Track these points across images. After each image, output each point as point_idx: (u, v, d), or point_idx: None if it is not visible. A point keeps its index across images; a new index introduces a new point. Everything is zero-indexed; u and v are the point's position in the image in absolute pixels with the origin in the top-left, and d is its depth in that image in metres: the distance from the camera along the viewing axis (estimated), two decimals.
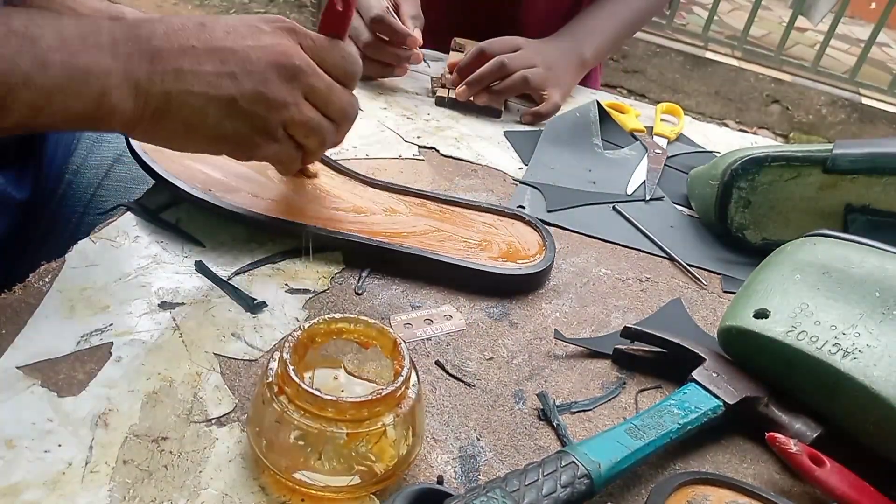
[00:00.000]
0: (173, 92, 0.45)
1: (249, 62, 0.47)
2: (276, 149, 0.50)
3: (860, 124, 3.52)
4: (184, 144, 0.49)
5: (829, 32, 3.34)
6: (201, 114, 0.46)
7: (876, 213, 0.66)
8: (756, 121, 3.64)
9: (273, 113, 0.48)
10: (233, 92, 0.46)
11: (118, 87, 0.43)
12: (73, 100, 0.42)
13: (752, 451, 0.49)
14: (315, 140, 0.51)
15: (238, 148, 0.50)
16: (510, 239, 0.63)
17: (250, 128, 0.48)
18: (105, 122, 0.44)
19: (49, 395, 0.42)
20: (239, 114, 0.47)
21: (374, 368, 0.44)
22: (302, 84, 0.49)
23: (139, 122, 0.46)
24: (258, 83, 0.47)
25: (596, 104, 0.90)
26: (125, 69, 0.43)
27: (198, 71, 0.45)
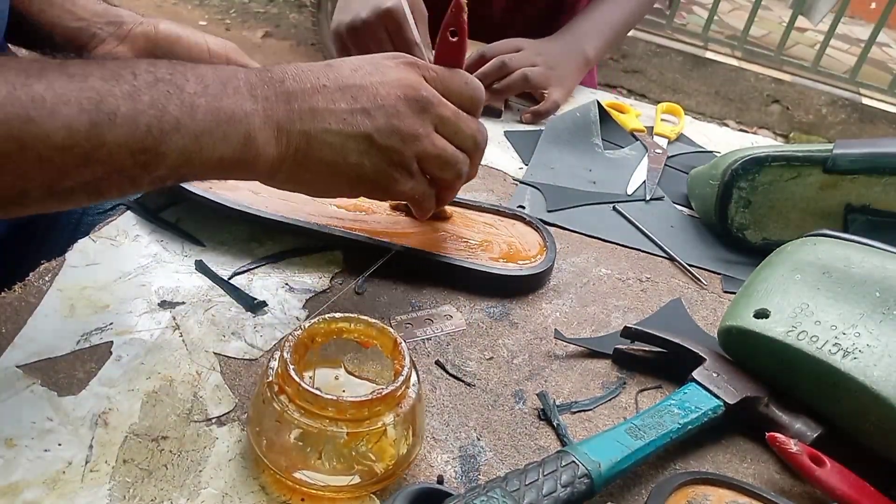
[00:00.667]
0: (312, 131, 0.45)
1: (379, 97, 0.47)
2: (412, 184, 0.50)
3: (860, 124, 3.52)
4: (326, 186, 0.49)
5: (829, 32, 3.34)
6: (341, 151, 0.47)
7: (876, 213, 0.66)
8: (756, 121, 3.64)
9: (408, 145, 0.48)
10: (368, 127, 0.47)
11: (261, 130, 0.43)
12: (221, 143, 0.42)
13: (752, 451, 0.49)
14: (450, 172, 0.51)
15: (377, 185, 0.50)
16: (511, 239, 0.63)
17: (388, 163, 0.48)
18: (252, 165, 0.44)
19: (49, 394, 0.42)
20: (376, 149, 0.47)
21: (375, 368, 0.44)
22: (431, 115, 0.49)
23: (282, 164, 0.46)
24: (391, 116, 0.47)
25: (596, 104, 0.90)
26: (264, 111, 0.44)
27: (332, 109, 0.46)
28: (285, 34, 3.82)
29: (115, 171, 0.38)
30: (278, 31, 3.84)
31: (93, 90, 0.37)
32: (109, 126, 0.37)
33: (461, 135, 0.51)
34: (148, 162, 0.39)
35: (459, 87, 0.51)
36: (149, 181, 0.41)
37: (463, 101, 0.51)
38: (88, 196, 0.39)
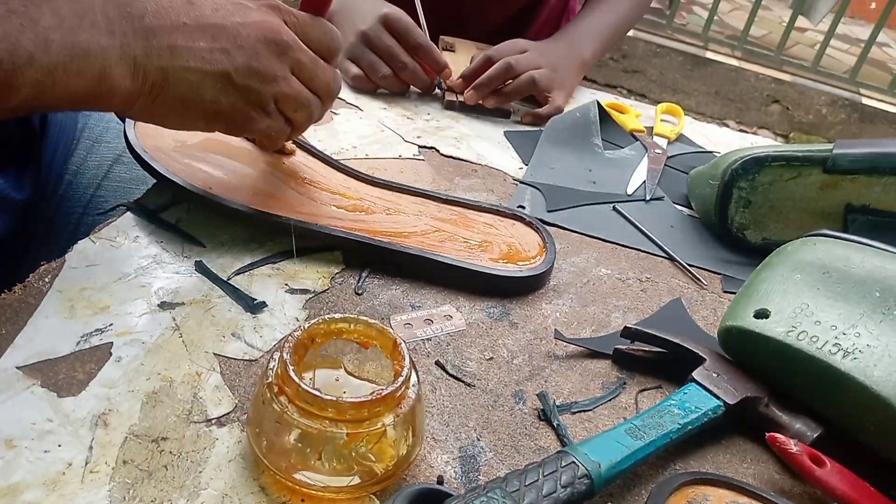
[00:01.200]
0: (170, 68, 0.46)
1: (240, 38, 0.48)
2: (267, 122, 0.51)
3: (860, 124, 3.52)
4: (180, 121, 0.50)
5: (829, 32, 3.34)
6: (198, 88, 0.47)
7: (876, 213, 0.66)
8: (756, 121, 3.64)
9: (266, 86, 0.49)
10: (227, 66, 0.47)
11: (117, 65, 0.44)
12: (74, 78, 0.42)
13: (752, 451, 0.49)
14: (303, 113, 0.53)
15: (233, 123, 0.51)
16: (511, 240, 0.63)
17: (245, 101, 0.49)
18: (106, 99, 0.45)
19: (49, 395, 0.42)
20: (234, 88, 0.48)
21: (374, 368, 0.44)
22: (290, 59, 0.50)
23: (137, 99, 0.46)
24: (250, 58, 0.48)
25: (596, 104, 0.90)
26: (122, 46, 0.44)
27: (192, 47, 0.46)
28: None
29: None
30: None
31: None
32: None
33: (316, 80, 0.52)
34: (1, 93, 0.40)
35: (318, 35, 0.53)
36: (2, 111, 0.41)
37: (321, 49, 0.53)
38: None
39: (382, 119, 0.84)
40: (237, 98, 0.49)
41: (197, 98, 0.48)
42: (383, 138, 0.79)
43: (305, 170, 0.65)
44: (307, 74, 0.52)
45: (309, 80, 0.52)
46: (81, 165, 0.75)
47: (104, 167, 0.76)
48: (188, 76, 0.47)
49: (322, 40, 0.53)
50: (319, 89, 0.53)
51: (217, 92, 0.48)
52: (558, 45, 0.98)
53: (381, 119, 0.84)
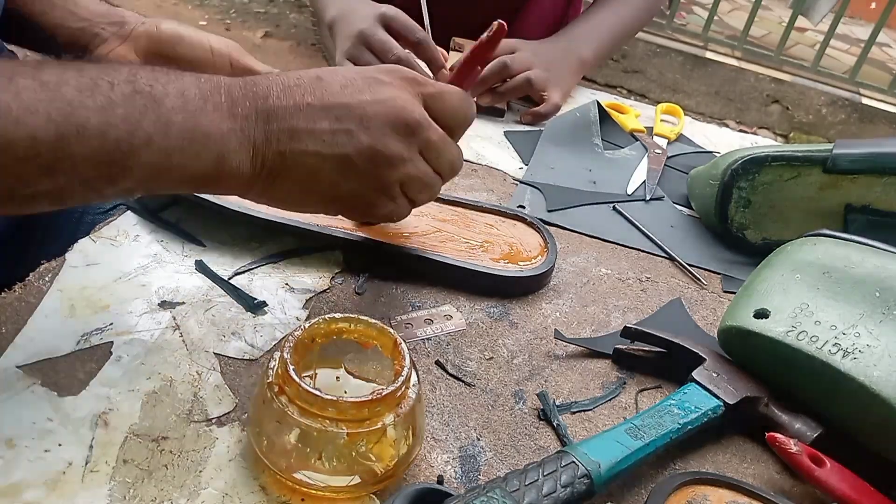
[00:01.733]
0: (288, 152, 0.44)
1: (366, 118, 0.45)
2: (391, 207, 0.49)
3: (860, 124, 3.52)
4: (300, 204, 0.48)
5: (829, 32, 3.34)
6: (316, 173, 0.45)
7: (876, 213, 0.66)
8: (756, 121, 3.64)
9: (389, 171, 0.46)
10: (348, 150, 0.45)
11: (236, 151, 0.42)
12: (192, 161, 0.41)
13: (752, 451, 0.49)
14: (426, 196, 0.50)
15: (354, 207, 0.49)
16: (512, 240, 0.63)
17: (366, 187, 0.47)
18: (223, 183, 0.43)
19: (49, 394, 0.42)
20: (354, 172, 0.45)
21: (375, 368, 0.44)
22: (418, 139, 0.47)
23: (254, 184, 0.44)
24: (375, 140, 0.45)
25: (596, 104, 0.90)
26: (242, 130, 0.42)
27: (313, 129, 0.44)
28: (285, 34, 3.82)
29: (80, 182, 0.38)
30: (278, 31, 3.84)
31: (64, 100, 0.36)
32: (77, 139, 0.36)
33: (442, 160, 0.49)
34: (114, 175, 0.38)
35: (455, 106, 0.49)
36: (113, 193, 0.40)
37: (455, 122, 0.50)
38: (51, 203, 0.39)
39: None
40: (358, 183, 0.46)
41: (315, 183, 0.45)
42: None
43: None
44: (434, 154, 0.48)
45: (435, 160, 0.48)
46: None
47: None
48: (306, 161, 0.44)
49: (457, 113, 0.49)
50: (443, 168, 0.49)
51: (336, 176, 0.45)
52: (555, 44, 0.98)
53: None
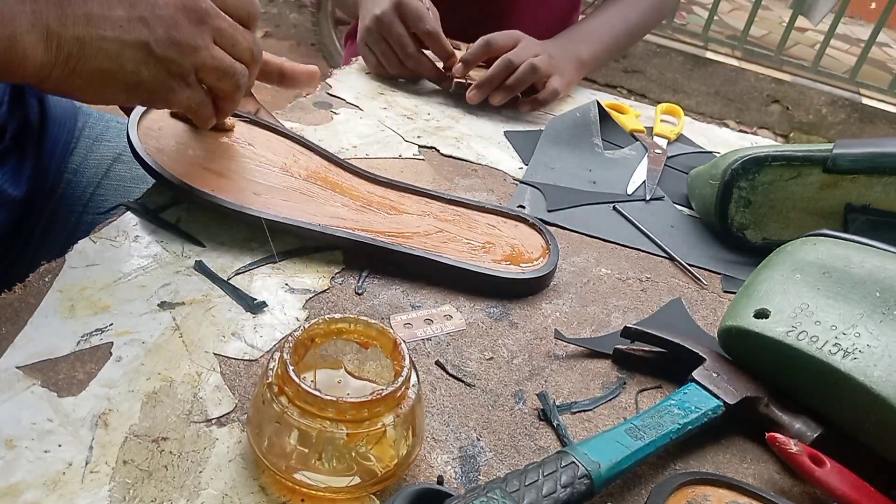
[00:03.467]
0: (86, 37, 0.44)
1: (158, 6, 0.46)
2: (188, 94, 0.50)
3: (860, 124, 3.52)
4: (99, 93, 0.48)
5: (829, 32, 3.34)
6: (117, 59, 0.46)
7: (876, 212, 0.66)
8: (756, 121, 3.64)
9: (186, 57, 0.48)
10: (146, 37, 0.46)
11: (28, 33, 0.42)
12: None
13: (752, 451, 0.49)
14: (228, 83, 0.52)
15: (153, 94, 0.49)
16: (514, 241, 0.63)
17: (166, 73, 0.48)
18: (17, 69, 0.43)
19: (49, 395, 0.42)
20: (154, 59, 0.47)
21: (374, 368, 0.44)
22: (209, 27, 0.49)
23: (52, 70, 0.44)
24: (169, 27, 0.47)
25: (596, 104, 0.90)
26: (34, 13, 0.42)
27: (109, 16, 0.45)
28: (285, 34, 3.82)
29: None
30: (278, 31, 3.84)
31: None
32: None
33: (238, 47, 0.51)
34: None
35: (236, 2, 0.51)
36: None
37: (240, 15, 0.52)
38: None
39: (382, 119, 0.84)
40: (157, 69, 0.47)
41: (116, 69, 0.46)
42: (383, 138, 0.79)
43: (309, 169, 0.65)
44: (228, 42, 0.50)
45: (231, 48, 0.51)
46: (81, 164, 0.76)
47: (104, 166, 0.76)
48: (106, 46, 0.45)
49: (241, 6, 0.52)
50: (243, 55, 0.52)
51: (137, 63, 0.46)
52: (556, 41, 0.99)
53: (381, 119, 0.84)
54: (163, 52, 0.47)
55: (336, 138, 0.77)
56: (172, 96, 0.50)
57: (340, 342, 0.43)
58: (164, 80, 0.48)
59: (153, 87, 0.48)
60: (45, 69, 0.44)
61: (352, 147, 0.76)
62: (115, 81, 0.47)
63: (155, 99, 0.50)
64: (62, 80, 0.46)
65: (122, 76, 0.47)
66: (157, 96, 0.50)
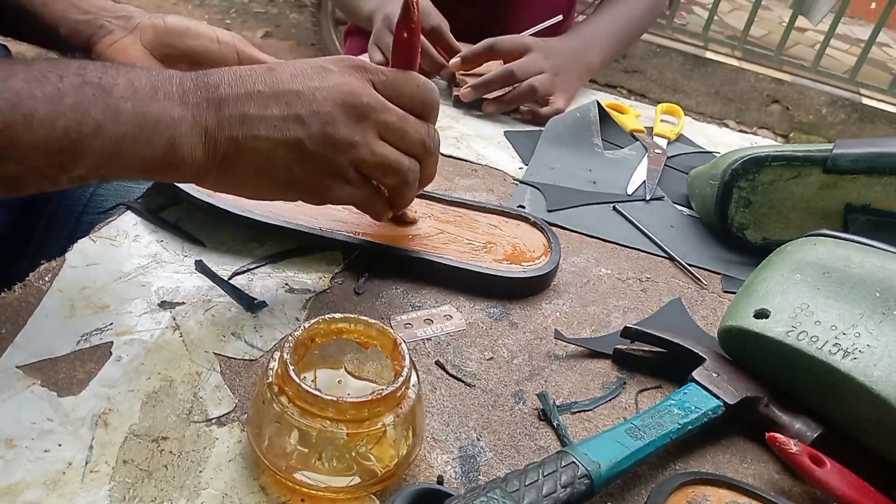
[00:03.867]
0: (240, 137, 0.45)
1: (315, 103, 0.46)
2: (349, 191, 0.49)
3: (860, 124, 3.53)
4: (255, 191, 0.49)
5: (829, 32, 3.34)
6: (269, 158, 0.46)
7: (876, 212, 0.66)
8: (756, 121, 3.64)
9: (341, 154, 0.47)
10: (300, 135, 0.46)
11: (188, 136, 0.43)
12: (143, 148, 0.42)
13: (752, 451, 0.49)
14: (394, 179, 0.50)
15: (310, 192, 0.49)
16: (515, 241, 0.63)
17: (320, 171, 0.47)
18: (177, 170, 0.44)
19: (49, 394, 0.42)
20: (307, 157, 0.46)
21: (375, 368, 0.44)
22: (372, 122, 0.48)
23: (210, 170, 0.45)
24: (325, 124, 0.46)
25: (596, 104, 0.90)
26: (193, 117, 0.43)
27: (264, 115, 0.45)
28: (285, 34, 3.82)
29: (31, 169, 0.39)
30: (278, 30, 3.84)
31: (11, 91, 0.37)
32: (24, 127, 0.37)
33: (408, 140, 0.49)
34: (65, 162, 0.39)
35: (411, 91, 0.50)
36: (67, 180, 0.41)
37: (415, 105, 0.50)
38: (6, 190, 0.40)
39: None
40: (311, 167, 0.47)
41: (269, 168, 0.46)
42: None
43: None
44: (396, 136, 0.49)
45: (399, 141, 0.49)
46: None
47: None
48: (259, 145, 0.45)
49: (416, 94, 0.50)
50: (413, 148, 0.50)
51: (289, 161, 0.46)
52: (567, 45, 0.98)
53: None
54: (315, 149, 0.46)
55: None
56: (329, 194, 0.49)
57: (340, 342, 0.43)
58: (318, 178, 0.48)
59: (309, 184, 0.48)
60: (202, 169, 0.45)
61: None
62: (270, 180, 0.47)
63: (312, 195, 0.49)
64: (219, 178, 0.46)
65: (274, 175, 0.47)
66: (314, 193, 0.49)
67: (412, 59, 0.51)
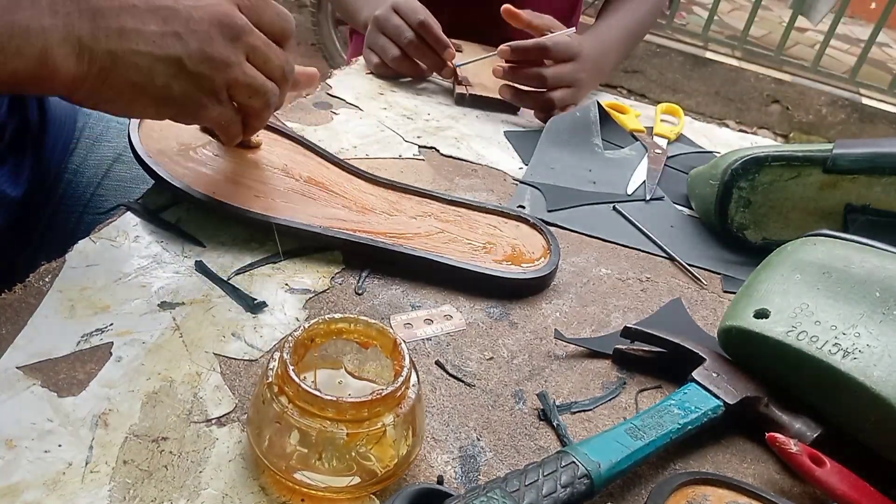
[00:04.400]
0: (118, 51, 0.44)
1: (192, 21, 0.46)
2: (219, 110, 0.50)
3: (860, 124, 3.53)
4: (129, 107, 0.48)
5: (829, 32, 3.35)
6: (149, 74, 0.45)
7: (876, 213, 0.66)
8: (756, 121, 3.64)
9: (219, 73, 0.48)
10: (179, 52, 0.46)
11: (60, 45, 0.42)
12: (13, 58, 0.41)
13: (752, 451, 0.49)
14: (258, 101, 0.51)
15: (183, 110, 0.49)
16: (515, 241, 0.63)
17: (197, 88, 0.48)
18: (48, 82, 0.43)
19: (49, 395, 0.42)
20: (186, 74, 0.47)
21: (374, 368, 0.44)
22: (243, 44, 0.49)
23: (83, 83, 0.44)
24: (203, 42, 0.46)
25: (596, 104, 0.90)
26: (66, 27, 0.42)
27: (142, 30, 0.45)
28: None
29: None
30: None
31: None
32: None
33: (271, 64, 0.51)
34: None
35: (271, 18, 0.51)
36: None
37: (274, 32, 0.51)
38: None
39: (382, 119, 0.84)
40: (189, 85, 0.47)
41: (148, 84, 0.46)
42: (383, 138, 0.79)
43: (310, 170, 0.65)
44: (261, 59, 0.50)
45: (263, 65, 0.51)
46: (81, 164, 0.75)
47: (104, 166, 0.76)
48: (138, 60, 0.45)
49: (275, 22, 0.51)
50: (274, 72, 0.51)
51: (168, 78, 0.46)
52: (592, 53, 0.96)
53: (381, 119, 0.84)
54: (195, 68, 0.47)
55: (336, 138, 0.77)
56: (202, 112, 0.49)
57: (340, 342, 0.43)
58: (194, 96, 0.48)
59: (183, 102, 0.48)
60: (76, 82, 0.44)
61: (352, 147, 0.76)
62: (146, 96, 0.47)
63: (184, 114, 0.50)
64: (93, 92, 0.46)
65: (153, 90, 0.46)
66: (186, 111, 0.49)
67: None
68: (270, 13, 0.51)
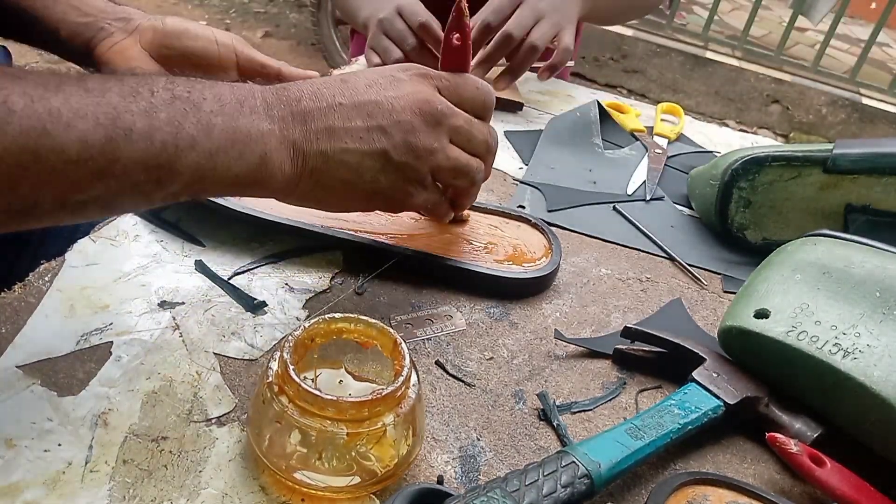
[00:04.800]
0: (329, 150, 0.45)
1: (395, 113, 0.47)
2: (425, 196, 0.51)
3: (860, 124, 3.53)
4: (341, 202, 0.49)
5: (829, 32, 3.35)
6: (357, 169, 0.46)
7: (876, 213, 0.66)
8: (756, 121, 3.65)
9: (423, 161, 0.48)
10: (385, 145, 0.47)
11: (277, 150, 0.43)
12: (236, 162, 0.42)
13: (752, 451, 0.49)
14: (464, 180, 0.52)
15: (391, 200, 0.50)
16: (516, 241, 0.63)
17: (403, 179, 0.48)
18: (267, 184, 0.44)
19: (49, 394, 0.42)
20: (392, 166, 0.47)
21: (375, 368, 0.44)
22: (446, 127, 0.49)
23: (298, 184, 0.46)
24: (407, 133, 0.47)
25: (596, 104, 0.90)
26: (281, 131, 0.44)
27: (349, 128, 0.46)
28: (285, 34, 3.82)
29: (129, 186, 0.38)
30: (278, 30, 3.84)
31: (110, 105, 0.37)
32: (125, 141, 0.37)
33: (474, 142, 0.51)
34: (162, 178, 0.39)
35: (472, 94, 0.51)
36: (162, 197, 0.41)
37: (475, 107, 0.52)
38: (101, 209, 0.40)
39: None
40: (395, 176, 0.48)
41: (357, 179, 0.47)
42: None
43: None
44: (464, 138, 0.50)
45: (466, 144, 0.51)
46: None
47: None
48: (347, 158, 0.46)
49: (476, 97, 0.52)
50: (478, 148, 0.52)
51: (376, 172, 0.47)
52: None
53: None
54: (400, 159, 0.47)
55: None
56: (410, 200, 0.50)
57: (341, 342, 0.43)
58: (401, 186, 0.49)
59: (392, 193, 0.49)
60: (291, 184, 0.45)
61: None
62: (356, 191, 0.48)
63: (393, 204, 0.51)
64: (307, 192, 0.47)
65: (362, 185, 0.47)
66: (395, 201, 0.50)
67: (466, 63, 0.52)
68: (470, 89, 0.51)
